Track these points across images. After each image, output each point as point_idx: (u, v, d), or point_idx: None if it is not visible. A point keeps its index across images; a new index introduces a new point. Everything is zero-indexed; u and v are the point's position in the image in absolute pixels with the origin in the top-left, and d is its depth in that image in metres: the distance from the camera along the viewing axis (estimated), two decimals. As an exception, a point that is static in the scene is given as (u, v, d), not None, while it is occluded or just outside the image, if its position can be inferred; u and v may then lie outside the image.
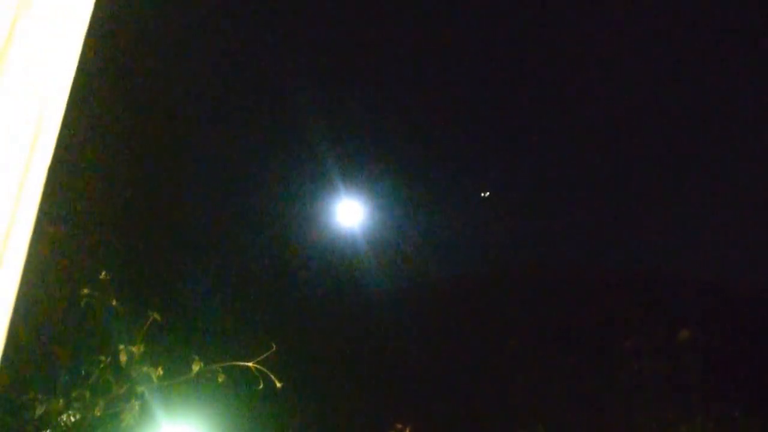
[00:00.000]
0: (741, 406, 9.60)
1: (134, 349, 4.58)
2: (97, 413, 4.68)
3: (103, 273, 4.22)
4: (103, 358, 4.61)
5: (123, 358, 4.50)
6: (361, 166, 12.85)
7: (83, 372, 4.64)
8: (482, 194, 16.03)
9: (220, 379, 5.17)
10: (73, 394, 4.71)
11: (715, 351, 11.34)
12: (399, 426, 5.60)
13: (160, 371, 4.65)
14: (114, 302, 4.33)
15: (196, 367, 4.99)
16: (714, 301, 13.79)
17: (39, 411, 4.78)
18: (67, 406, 4.79)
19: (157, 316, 4.54)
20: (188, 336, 6.08)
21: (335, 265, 11.18)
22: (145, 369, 4.69)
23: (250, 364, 5.24)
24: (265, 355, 5.29)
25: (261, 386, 5.27)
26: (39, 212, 0.97)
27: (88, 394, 4.67)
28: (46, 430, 4.95)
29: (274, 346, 5.37)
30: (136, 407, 4.75)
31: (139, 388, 4.72)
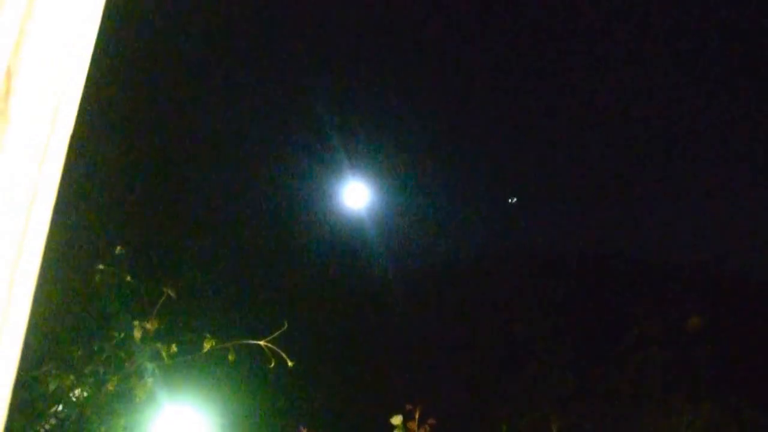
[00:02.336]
0: (748, 394, 9.61)
1: (148, 325, 4.54)
2: (110, 389, 4.67)
3: (118, 248, 4.18)
4: (116, 333, 4.58)
5: (137, 334, 4.47)
6: (368, 148, 12.82)
7: (96, 347, 4.62)
8: (509, 200, 16.05)
9: (231, 357, 5.15)
10: (86, 370, 4.69)
11: (723, 340, 11.34)
12: (409, 407, 5.57)
13: (174, 348, 4.62)
14: (129, 278, 4.30)
15: (207, 345, 4.98)
16: (723, 289, 13.78)
17: (52, 386, 4.77)
18: (80, 382, 4.78)
19: (171, 292, 4.50)
20: (200, 314, 6.07)
21: (343, 248, 11.19)
22: (158, 345, 4.67)
23: (261, 342, 5.22)
24: (276, 334, 5.26)
25: (272, 364, 5.26)
26: (58, 193, 0.98)
27: (101, 369, 4.65)
28: (58, 405, 4.95)
29: (286, 324, 5.35)
30: (149, 383, 4.74)
31: (152, 365, 4.70)
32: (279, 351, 5.21)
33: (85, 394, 4.83)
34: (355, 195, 11.03)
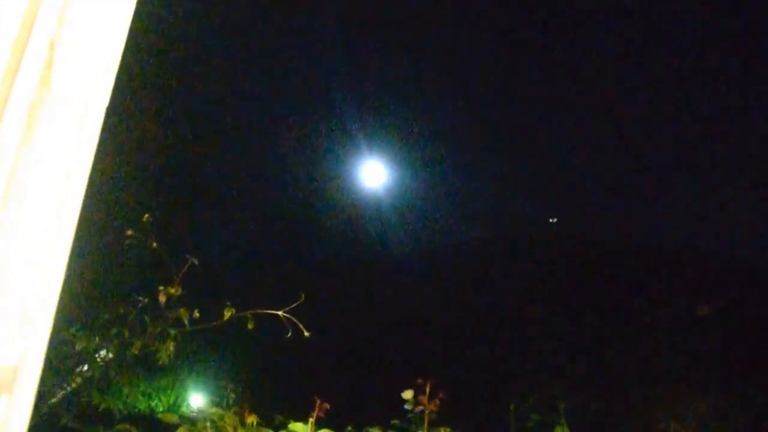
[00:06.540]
0: (757, 381, 9.64)
1: (172, 290, 4.70)
2: (134, 352, 4.86)
3: (146, 216, 4.34)
4: (141, 298, 4.75)
5: (161, 298, 4.63)
6: (385, 128, 12.87)
7: (122, 310, 4.79)
8: (550, 220, 16.32)
9: (250, 326, 5.30)
10: (112, 332, 4.88)
11: (733, 327, 11.34)
12: (420, 381, 5.71)
13: (197, 314, 4.79)
14: (155, 244, 4.45)
15: (227, 313, 5.13)
16: (733, 278, 13.75)
17: (79, 346, 4.97)
18: (105, 343, 4.98)
19: (195, 260, 4.65)
20: (222, 283, 6.23)
21: (360, 225, 11.32)
22: (180, 311, 4.83)
23: (279, 312, 5.36)
24: (293, 305, 5.39)
25: (289, 335, 5.40)
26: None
27: (126, 332, 4.83)
28: (84, 365, 5.16)
29: (303, 296, 5.47)
30: (171, 348, 4.91)
31: (174, 330, 4.87)
32: (296, 321, 5.34)
33: (111, 355, 5.03)
34: (374, 173, 11.12)
